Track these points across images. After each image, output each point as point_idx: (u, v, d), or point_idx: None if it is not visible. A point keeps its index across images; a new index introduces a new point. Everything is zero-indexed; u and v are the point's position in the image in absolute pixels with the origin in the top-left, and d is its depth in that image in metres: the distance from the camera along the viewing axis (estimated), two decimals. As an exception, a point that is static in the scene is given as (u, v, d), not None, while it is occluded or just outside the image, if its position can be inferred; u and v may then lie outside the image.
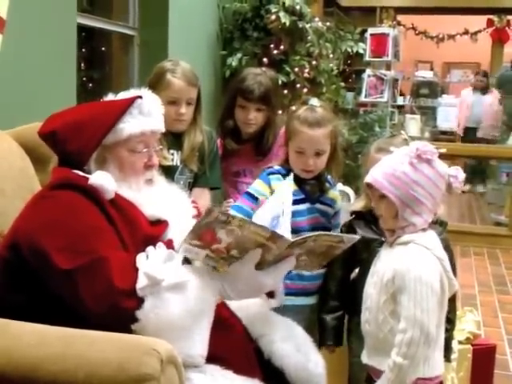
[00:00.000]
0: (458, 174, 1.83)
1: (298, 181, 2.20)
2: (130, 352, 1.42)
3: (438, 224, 2.07)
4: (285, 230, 1.74)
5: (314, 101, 2.25)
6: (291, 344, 1.88)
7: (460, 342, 2.77)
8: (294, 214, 2.10)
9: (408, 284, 1.74)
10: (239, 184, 2.76)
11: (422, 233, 1.83)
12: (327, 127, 2.19)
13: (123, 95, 1.89)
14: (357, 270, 2.23)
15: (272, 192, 2.20)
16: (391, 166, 1.83)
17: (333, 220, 2.31)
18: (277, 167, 2.27)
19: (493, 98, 8.98)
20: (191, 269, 1.62)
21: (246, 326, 1.87)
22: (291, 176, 2.07)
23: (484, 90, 8.95)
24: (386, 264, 1.85)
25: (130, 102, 1.81)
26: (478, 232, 6.32)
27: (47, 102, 2.58)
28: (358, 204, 2.25)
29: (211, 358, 1.61)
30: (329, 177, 2.31)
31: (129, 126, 1.78)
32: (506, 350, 3.60)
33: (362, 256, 2.14)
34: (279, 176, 2.23)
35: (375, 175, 1.84)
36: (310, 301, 2.28)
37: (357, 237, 1.93)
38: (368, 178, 1.86)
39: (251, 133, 2.75)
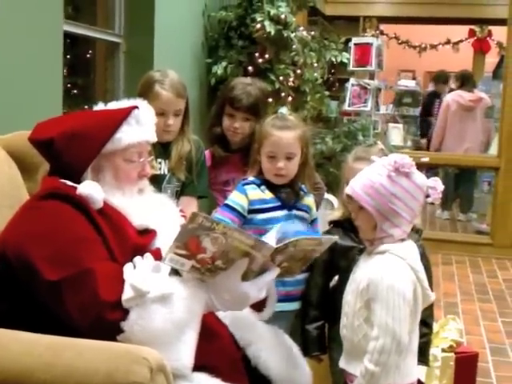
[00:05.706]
0: (436, 185, 1.85)
1: (273, 189, 2.28)
2: (119, 361, 1.42)
3: (414, 231, 2.09)
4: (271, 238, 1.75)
5: (284, 109, 2.36)
6: (278, 352, 1.90)
7: (443, 350, 2.80)
8: (272, 220, 2.16)
9: (381, 292, 1.77)
10: (228, 193, 2.75)
11: (399, 243, 1.85)
12: (296, 131, 2.26)
13: (114, 105, 1.90)
14: (336, 278, 2.25)
15: (249, 202, 2.25)
16: (369, 177, 1.85)
17: (312, 228, 2.34)
18: (251, 178, 2.33)
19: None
20: (178, 280, 1.62)
21: (234, 334, 1.88)
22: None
23: None
24: (362, 272, 1.88)
25: (128, 111, 1.82)
26: (460, 240, 6.35)
27: (33, 110, 2.58)
28: (336, 213, 2.28)
29: (199, 367, 1.62)
30: (303, 186, 2.35)
31: (126, 136, 1.80)
32: (488, 358, 3.63)
33: (340, 264, 2.17)
34: (254, 186, 2.29)
35: (354, 186, 1.87)
36: (294, 306, 2.29)
37: (334, 237, 1.97)
38: (347, 190, 1.89)
39: (239, 142, 2.76)
